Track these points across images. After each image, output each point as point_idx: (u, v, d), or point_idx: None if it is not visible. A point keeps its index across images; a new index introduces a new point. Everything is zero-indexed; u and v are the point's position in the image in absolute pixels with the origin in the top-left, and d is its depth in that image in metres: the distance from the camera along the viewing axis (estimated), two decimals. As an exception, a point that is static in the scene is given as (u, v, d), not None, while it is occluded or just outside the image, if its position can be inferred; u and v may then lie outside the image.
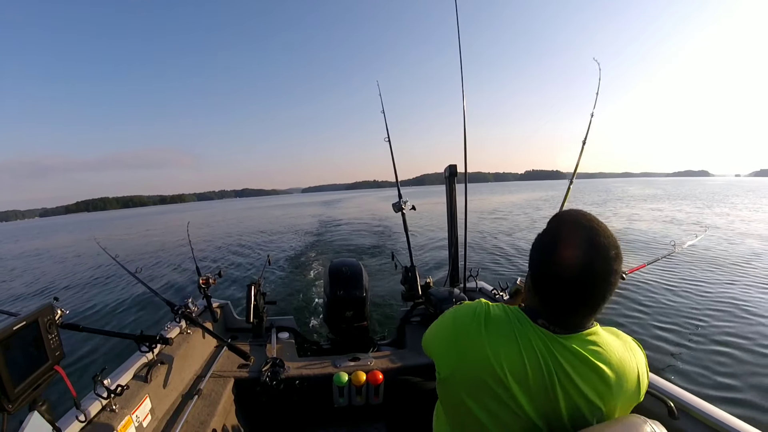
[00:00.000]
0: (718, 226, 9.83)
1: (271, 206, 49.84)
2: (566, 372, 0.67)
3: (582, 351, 0.68)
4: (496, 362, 0.68)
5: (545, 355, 0.68)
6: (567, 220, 0.70)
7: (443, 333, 0.80)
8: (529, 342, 0.69)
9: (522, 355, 0.68)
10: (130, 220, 42.79)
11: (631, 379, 0.71)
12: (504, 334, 0.71)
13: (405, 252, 2.59)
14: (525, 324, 0.72)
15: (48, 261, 13.95)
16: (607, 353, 0.69)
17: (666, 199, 26.26)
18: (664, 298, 4.59)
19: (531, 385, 0.67)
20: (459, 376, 0.73)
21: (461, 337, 0.75)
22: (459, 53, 2.23)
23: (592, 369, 0.67)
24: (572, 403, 0.67)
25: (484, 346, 0.70)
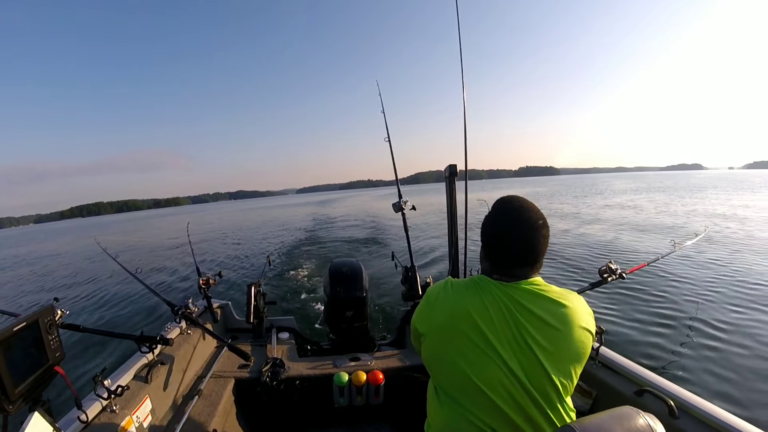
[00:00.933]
0: (718, 226, 9.83)
1: (266, 207, 49.77)
2: (523, 305, 0.82)
3: (531, 288, 0.85)
4: (465, 311, 0.84)
5: (504, 299, 0.83)
6: (505, 203, 0.92)
7: (420, 306, 0.96)
8: (489, 293, 0.85)
9: (485, 303, 0.83)
10: (125, 225, 42.15)
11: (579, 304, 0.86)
12: (468, 290, 0.88)
13: (405, 252, 2.59)
14: (484, 281, 0.89)
15: (48, 262, 13.96)
16: (552, 288, 0.86)
17: (645, 192, 28.26)
18: (664, 298, 4.59)
19: (498, 328, 0.81)
20: (436, 329, 0.89)
21: (432, 300, 0.92)
22: (459, 52, 2.22)
23: (544, 298, 0.83)
24: (538, 336, 0.80)
25: (452, 300, 0.88)
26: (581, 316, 0.84)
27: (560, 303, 0.83)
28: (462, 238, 2.27)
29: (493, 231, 0.91)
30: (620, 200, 22.00)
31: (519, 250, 0.86)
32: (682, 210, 15.18)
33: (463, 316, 0.84)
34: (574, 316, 0.83)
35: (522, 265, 0.87)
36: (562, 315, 0.82)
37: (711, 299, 4.49)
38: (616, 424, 0.64)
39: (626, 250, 7.55)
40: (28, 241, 27.68)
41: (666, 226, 10.54)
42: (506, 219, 0.89)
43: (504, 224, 0.88)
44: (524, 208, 0.89)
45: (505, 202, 0.92)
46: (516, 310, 0.82)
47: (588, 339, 0.85)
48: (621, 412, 0.67)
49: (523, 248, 0.86)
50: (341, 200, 49.74)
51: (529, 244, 0.86)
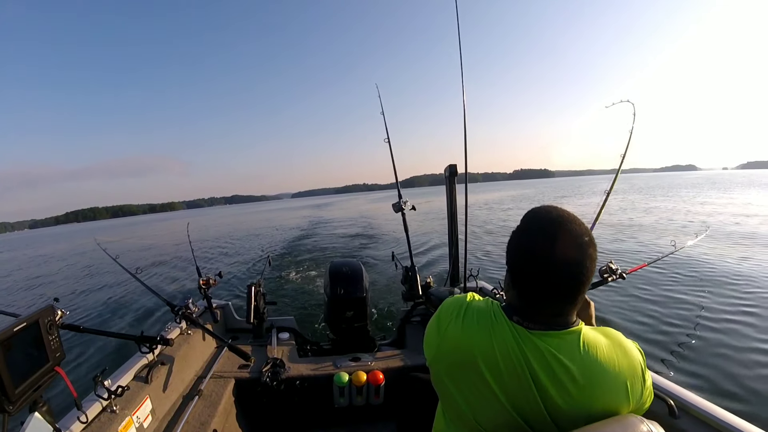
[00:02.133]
0: (718, 225, 9.82)
1: (263, 211, 49.80)
2: (536, 370, 0.67)
3: (553, 349, 0.67)
4: (470, 349, 0.72)
5: (517, 352, 0.68)
6: (538, 213, 0.73)
7: (431, 322, 0.86)
8: (502, 337, 0.70)
9: (495, 349, 0.70)
10: (120, 230, 41.80)
11: (615, 381, 0.68)
12: (480, 325, 0.74)
13: (405, 252, 2.59)
14: (500, 319, 0.73)
15: (48, 262, 13.95)
16: (585, 353, 0.67)
17: (625, 192, 29.72)
18: (664, 298, 4.59)
19: (505, 378, 0.68)
20: (440, 358, 0.78)
21: (443, 323, 0.80)
22: (459, 53, 2.22)
23: (565, 369, 0.66)
24: (549, 401, 0.67)
25: (460, 332, 0.75)
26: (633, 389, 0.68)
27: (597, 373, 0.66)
28: (462, 236, 2.28)
29: (521, 251, 0.71)
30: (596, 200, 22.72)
31: (557, 279, 0.66)
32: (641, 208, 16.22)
33: (466, 356, 0.72)
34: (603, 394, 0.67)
35: (559, 301, 0.69)
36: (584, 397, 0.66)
37: (711, 299, 4.49)
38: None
39: (626, 250, 7.55)
40: (28, 245, 27.64)
41: (650, 225, 10.54)
42: (540, 235, 0.69)
43: (537, 241, 0.68)
44: (564, 219, 0.69)
45: (539, 213, 0.73)
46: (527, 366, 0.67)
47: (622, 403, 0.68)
48: (625, 420, 0.66)
49: (562, 276, 0.66)
50: (338, 204, 49.92)
51: (572, 270, 0.66)
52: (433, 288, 2.33)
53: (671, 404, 1.11)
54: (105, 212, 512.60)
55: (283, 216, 30.36)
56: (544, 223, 0.70)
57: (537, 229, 0.71)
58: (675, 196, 23.32)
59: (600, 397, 0.67)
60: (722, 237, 8.23)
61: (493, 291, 2.28)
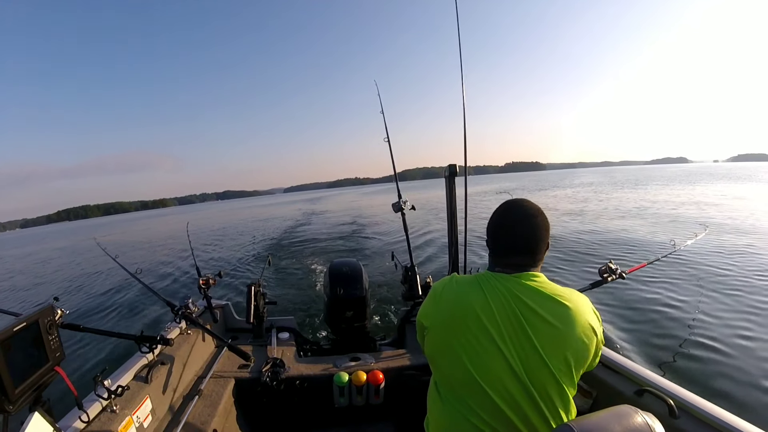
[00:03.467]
0: (717, 225, 9.82)
1: (257, 207, 49.62)
2: (524, 302, 0.83)
3: (532, 284, 0.86)
4: (468, 305, 0.86)
5: (506, 294, 0.85)
6: (507, 202, 0.99)
7: (426, 300, 1.00)
8: (492, 288, 0.87)
9: (488, 298, 0.85)
10: (113, 228, 40.88)
11: (582, 303, 0.86)
12: (472, 285, 0.90)
13: (405, 252, 2.59)
14: (487, 276, 0.91)
15: (48, 262, 13.95)
16: (553, 286, 0.88)
17: (600, 185, 31.55)
18: (664, 297, 4.59)
19: (500, 323, 0.82)
20: (440, 323, 0.91)
21: (437, 294, 0.96)
22: (459, 49, 2.22)
23: (544, 296, 0.84)
24: (538, 334, 0.80)
25: (456, 295, 0.91)
26: (583, 315, 0.84)
27: (561, 301, 0.84)
28: (462, 235, 2.28)
29: (492, 224, 0.97)
30: (567, 192, 25.54)
31: (516, 238, 0.91)
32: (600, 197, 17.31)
33: (466, 310, 0.86)
34: (575, 315, 0.83)
35: (520, 253, 0.90)
36: (562, 314, 0.82)
37: (711, 298, 4.49)
38: (614, 423, 0.64)
39: (626, 250, 7.55)
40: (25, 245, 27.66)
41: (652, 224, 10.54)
42: (503, 211, 0.96)
43: (501, 216, 0.96)
44: (520, 201, 0.97)
45: (506, 201, 1.00)
46: (517, 306, 0.83)
47: (591, 339, 0.84)
48: (619, 410, 0.67)
49: (519, 236, 0.90)
50: (331, 198, 50.07)
51: (526, 232, 0.90)
52: None
53: (671, 404, 1.11)
54: (97, 210, 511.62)
55: (279, 211, 30.39)
56: (508, 205, 0.97)
57: (502, 209, 0.97)
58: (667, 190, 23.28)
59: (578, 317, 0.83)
60: (721, 236, 8.23)
61: None
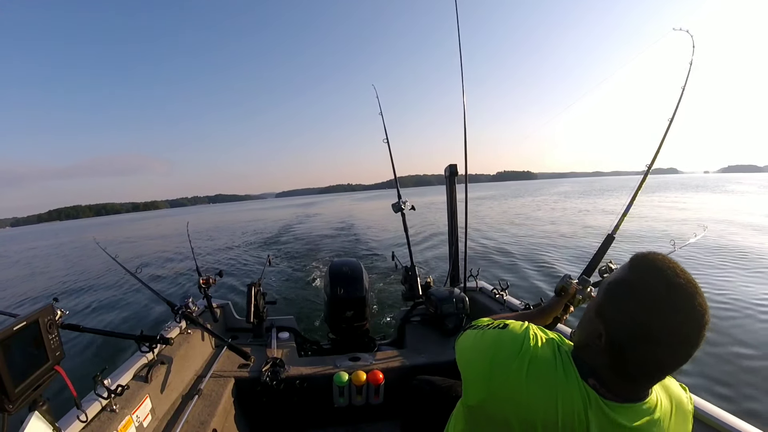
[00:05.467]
0: (716, 225, 9.83)
1: (250, 211, 49.59)
2: None
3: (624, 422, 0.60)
4: (530, 412, 0.62)
5: (582, 419, 0.60)
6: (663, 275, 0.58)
7: (481, 356, 0.72)
8: (570, 398, 0.61)
9: (558, 410, 0.60)
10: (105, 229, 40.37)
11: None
12: (545, 384, 0.62)
13: (405, 252, 2.59)
14: (571, 376, 0.62)
15: (47, 261, 13.94)
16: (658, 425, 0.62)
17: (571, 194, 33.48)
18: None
19: None
20: (486, 411, 0.69)
21: (498, 371, 0.67)
22: (459, 52, 2.23)
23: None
24: None
25: (521, 390, 0.63)
26: None
27: None
28: (462, 236, 2.28)
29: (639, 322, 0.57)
30: (534, 199, 28.00)
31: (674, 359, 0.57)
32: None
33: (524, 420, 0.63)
34: None
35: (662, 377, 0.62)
36: None
37: (710, 298, 4.49)
38: None
39: (625, 250, 7.56)
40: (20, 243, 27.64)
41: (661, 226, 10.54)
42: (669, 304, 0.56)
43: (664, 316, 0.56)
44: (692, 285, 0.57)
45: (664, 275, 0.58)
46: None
47: None
48: None
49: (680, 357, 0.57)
50: (325, 204, 50.48)
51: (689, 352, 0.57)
52: (433, 288, 2.34)
53: None
54: (88, 210, 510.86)
55: (275, 214, 30.53)
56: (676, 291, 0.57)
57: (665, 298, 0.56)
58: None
59: None
60: (721, 236, 8.24)
61: (492, 291, 2.28)
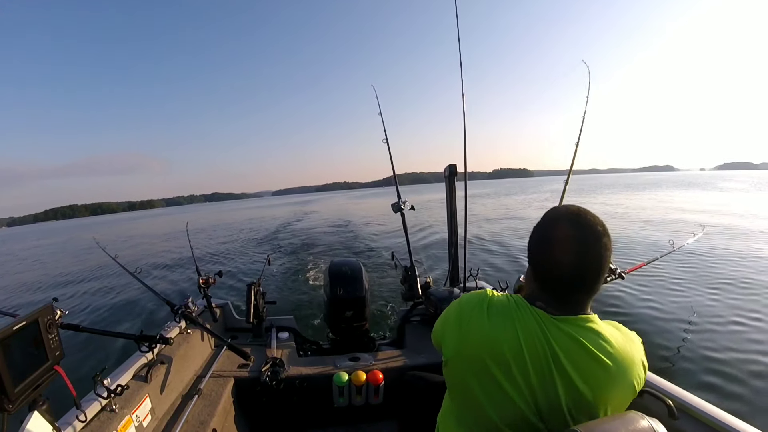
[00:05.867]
0: (715, 225, 9.84)
1: (248, 209, 49.50)
2: (559, 357, 0.69)
3: (578, 336, 0.70)
4: (496, 343, 0.72)
5: (540, 338, 0.71)
6: (557, 209, 0.79)
7: (450, 317, 0.85)
8: (526, 325, 0.72)
9: (519, 338, 0.71)
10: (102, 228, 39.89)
11: (631, 370, 0.72)
12: (504, 317, 0.75)
13: (405, 252, 2.59)
14: (523, 308, 0.75)
15: (47, 261, 13.93)
16: (604, 341, 0.71)
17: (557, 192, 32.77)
18: (664, 297, 4.59)
19: (529, 368, 0.70)
20: (462, 356, 0.78)
21: (465, 319, 0.79)
22: (459, 51, 2.23)
23: (589, 355, 0.70)
24: (570, 390, 0.69)
25: (485, 327, 0.75)
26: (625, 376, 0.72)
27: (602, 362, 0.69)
28: (461, 236, 2.28)
29: (543, 243, 0.76)
30: (526, 197, 28.69)
31: (577, 267, 0.70)
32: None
33: (494, 351, 0.72)
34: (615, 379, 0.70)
35: (580, 288, 0.72)
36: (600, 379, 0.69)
37: (710, 298, 4.49)
38: (621, 428, 0.64)
39: (625, 250, 7.56)
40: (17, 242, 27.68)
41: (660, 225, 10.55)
42: (561, 226, 0.73)
43: (558, 232, 0.73)
44: (583, 212, 0.73)
45: (559, 209, 0.78)
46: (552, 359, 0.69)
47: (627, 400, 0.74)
48: (626, 416, 0.67)
49: (582, 265, 0.70)
50: (322, 201, 50.67)
51: (591, 260, 0.70)
52: (433, 288, 2.34)
53: (670, 405, 1.11)
54: (84, 210, 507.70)
55: (272, 212, 30.65)
56: (565, 217, 0.74)
57: (557, 221, 0.75)
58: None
59: (621, 385, 0.71)
60: (720, 236, 8.24)
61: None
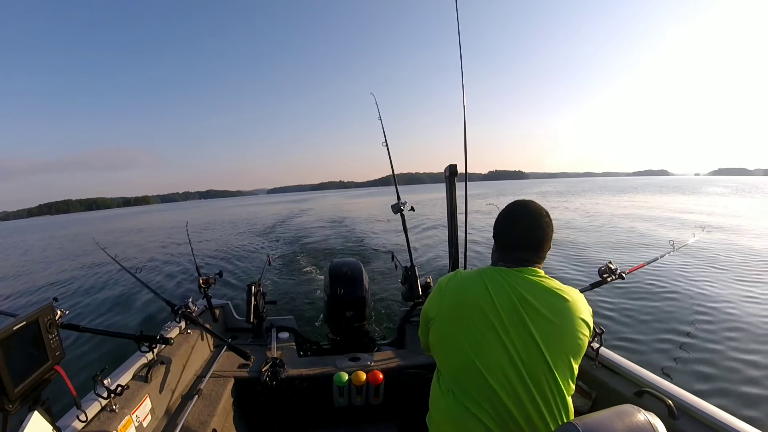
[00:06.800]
0: (715, 226, 9.84)
1: (243, 206, 49.53)
2: (523, 296, 0.89)
3: (531, 277, 0.93)
4: (473, 298, 0.93)
5: (506, 288, 0.91)
6: (516, 202, 1.06)
7: (432, 294, 1.05)
8: (494, 281, 0.93)
9: (489, 291, 0.91)
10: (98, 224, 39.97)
11: (579, 300, 0.93)
12: (475, 278, 0.97)
13: (405, 252, 2.59)
14: (490, 271, 0.98)
15: (47, 261, 13.93)
16: (552, 281, 0.94)
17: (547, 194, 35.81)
18: (664, 297, 4.60)
19: (501, 314, 0.88)
20: (444, 314, 0.97)
21: (443, 289, 1.02)
22: (459, 50, 2.22)
23: (545, 290, 0.91)
24: (538, 321, 0.86)
25: (461, 287, 0.97)
26: (579, 310, 0.91)
27: (559, 296, 0.90)
28: (462, 236, 2.27)
29: (501, 219, 1.05)
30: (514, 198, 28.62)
31: (524, 234, 0.98)
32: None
33: (470, 302, 0.92)
34: (572, 309, 0.89)
35: (526, 249, 0.98)
36: (559, 308, 0.89)
37: (710, 298, 4.50)
38: (617, 422, 0.64)
39: (625, 249, 7.56)
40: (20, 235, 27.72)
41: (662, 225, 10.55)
42: (514, 209, 1.03)
43: (512, 213, 1.03)
44: (529, 201, 1.04)
45: (516, 201, 1.07)
46: (517, 299, 0.89)
47: (585, 334, 0.91)
48: (622, 409, 0.68)
49: (527, 232, 0.98)
50: (318, 200, 50.78)
51: (534, 230, 0.98)
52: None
53: (671, 405, 1.11)
54: (79, 205, 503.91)
55: (270, 211, 30.82)
56: (518, 204, 1.04)
57: (512, 207, 1.04)
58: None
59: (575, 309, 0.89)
60: (720, 236, 8.24)
61: None
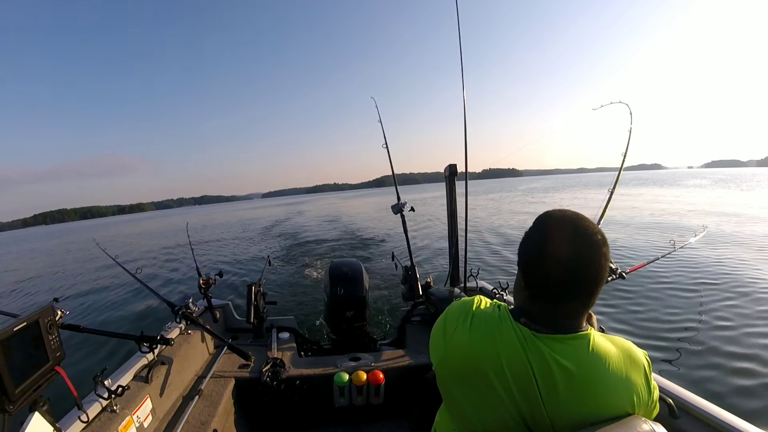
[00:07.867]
0: (715, 225, 9.83)
1: (238, 211, 49.26)
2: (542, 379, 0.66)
3: (562, 359, 0.65)
4: (477, 359, 0.70)
5: (522, 356, 0.67)
6: (550, 214, 0.74)
7: (438, 327, 0.83)
8: (507, 341, 0.69)
9: (500, 354, 0.68)
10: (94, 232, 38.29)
11: (623, 394, 0.67)
12: (486, 332, 0.72)
13: (405, 252, 2.59)
14: (506, 322, 0.71)
15: (47, 262, 13.94)
16: (594, 362, 0.66)
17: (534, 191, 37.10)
18: (664, 296, 4.59)
19: (511, 383, 0.67)
20: (446, 365, 0.77)
21: (449, 328, 0.78)
22: (459, 48, 2.22)
23: (575, 379, 0.65)
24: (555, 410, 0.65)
25: (466, 342, 0.73)
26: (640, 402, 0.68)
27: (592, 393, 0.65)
28: (462, 236, 2.28)
29: (534, 250, 0.71)
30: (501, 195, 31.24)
31: (568, 269, 0.65)
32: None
33: (475, 367, 0.71)
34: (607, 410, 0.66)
35: (572, 300, 0.68)
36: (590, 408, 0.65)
37: (711, 297, 4.49)
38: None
39: (625, 249, 7.55)
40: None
41: (665, 225, 10.55)
42: (553, 233, 0.69)
43: (550, 240, 0.68)
44: (577, 217, 0.70)
45: (551, 213, 0.73)
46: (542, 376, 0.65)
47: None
48: (627, 422, 0.66)
49: (579, 271, 0.65)
50: (314, 203, 51.07)
51: (586, 268, 0.65)
52: (433, 288, 2.34)
53: (671, 404, 1.11)
54: (74, 214, 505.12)
55: (266, 215, 30.94)
56: (557, 222, 0.70)
57: (550, 227, 0.70)
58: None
59: (602, 404, 0.66)
60: (720, 236, 8.24)
61: (492, 291, 2.29)
